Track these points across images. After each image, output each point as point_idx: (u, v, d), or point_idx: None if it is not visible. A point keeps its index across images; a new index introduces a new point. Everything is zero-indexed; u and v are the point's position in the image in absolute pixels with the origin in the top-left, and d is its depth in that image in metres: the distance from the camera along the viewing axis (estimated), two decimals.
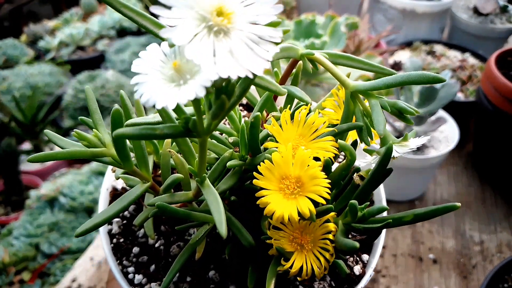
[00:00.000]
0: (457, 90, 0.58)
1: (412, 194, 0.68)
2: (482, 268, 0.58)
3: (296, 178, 0.16)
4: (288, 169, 0.16)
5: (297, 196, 0.16)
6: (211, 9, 0.11)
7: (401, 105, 0.19)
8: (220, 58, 0.11)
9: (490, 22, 0.87)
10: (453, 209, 0.20)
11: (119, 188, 0.25)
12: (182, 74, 0.13)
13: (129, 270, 0.22)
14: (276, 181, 0.16)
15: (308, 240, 0.17)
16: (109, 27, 1.87)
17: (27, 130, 1.26)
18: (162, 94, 0.12)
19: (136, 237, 0.23)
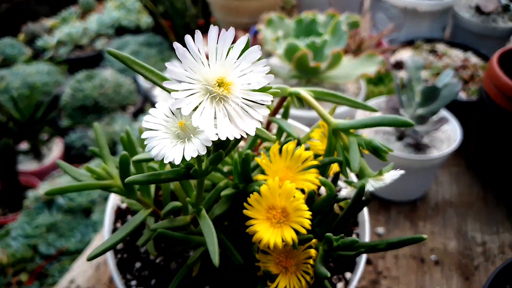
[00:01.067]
0: (459, 90, 0.58)
1: (414, 195, 0.68)
2: (484, 269, 0.57)
3: (282, 208, 0.18)
4: (275, 200, 0.18)
5: (282, 225, 0.18)
6: (214, 82, 0.14)
7: (376, 144, 0.21)
8: (219, 122, 0.14)
9: (492, 21, 0.86)
10: (421, 240, 0.22)
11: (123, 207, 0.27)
12: (186, 132, 0.15)
13: (132, 283, 0.24)
14: (264, 211, 0.18)
15: (292, 264, 0.19)
16: (107, 26, 1.85)
17: (25, 130, 1.25)
18: (170, 151, 0.14)
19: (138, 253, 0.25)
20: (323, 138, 0.23)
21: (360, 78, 0.61)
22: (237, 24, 1.02)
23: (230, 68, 0.15)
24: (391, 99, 0.64)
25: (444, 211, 0.66)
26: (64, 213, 0.89)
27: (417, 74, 0.60)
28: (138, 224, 0.21)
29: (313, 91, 0.23)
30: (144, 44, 1.69)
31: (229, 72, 0.15)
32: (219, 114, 0.14)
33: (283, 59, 0.62)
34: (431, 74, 0.77)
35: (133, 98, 1.48)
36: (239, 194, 0.20)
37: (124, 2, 1.90)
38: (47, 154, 1.32)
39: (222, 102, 0.14)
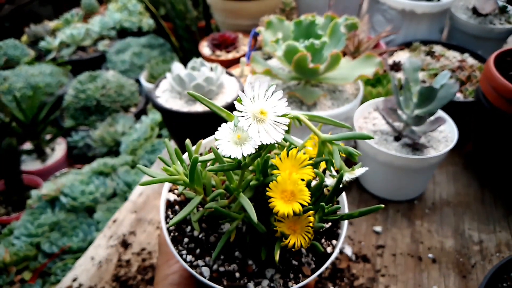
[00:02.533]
0: (456, 91, 0.59)
1: (411, 194, 0.68)
2: (481, 267, 0.58)
3: (291, 191, 0.29)
4: (286, 186, 0.28)
5: (291, 202, 0.28)
6: (258, 111, 0.27)
7: (350, 150, 0.32)
8: (261, 134, 0.27)
9: (489, 22, 0.87)
10: (379, 208, 0.32)
11: (171, 200, 0.38)
12: (241, 141, 0.28)
13: (182, 253, 0.34)
14: (279, 193, 0.28)
15: (298, 228, 0.30)
16: (109, 28, 1.87)
17: (28, 130, 1.26)
18: (232, 151, 0.27)
19: (185, 232, 0.36)
20: (314, 146, 0.34)
21: (359, 79, 0.62)
22: (238, 26, 1.03)
23: (265, 103, 0.27)
24: (389, 100, 0.65)
25: (442, 210, 0.67)
26: (67, 212, 0.90)
27: (414, 75, 0.61)
28: (196, 205, 0.32)
29: (307, 115, 0.33)
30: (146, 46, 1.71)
31: (265, 105, 0.27)
32: (261, 129, 0.27)
33: (282, 61, 0.63)
34: (429, 75, 0.78)
35: (135, 99, 1.49)
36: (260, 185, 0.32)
37: (126, 4, 1.92)
38: (50, 154, 1.34)
39: (262, 123, 0.27)
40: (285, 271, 0.33)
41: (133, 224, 0.67)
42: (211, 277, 0.32)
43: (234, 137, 0.27)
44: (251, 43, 0.83)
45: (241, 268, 0.33)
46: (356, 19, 0.61)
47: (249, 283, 0.32)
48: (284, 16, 0.91)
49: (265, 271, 0.33)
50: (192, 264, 0.33)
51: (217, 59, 0.90)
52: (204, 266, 0.33)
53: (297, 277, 0.33)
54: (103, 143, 1.27)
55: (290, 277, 0.33)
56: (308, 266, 0.34)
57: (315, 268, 0.34)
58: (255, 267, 0.33)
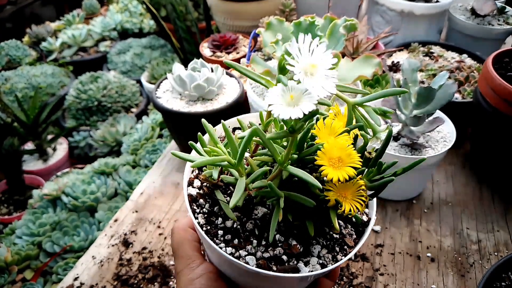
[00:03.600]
0: (454, 91, 0.59)
1: (410, 194, 0.69)
2: (479, 266, 0.58)
3: (338, 157, 0.27)
4: (333, 153, 0.27)
5: (341, 167, 0.27)
6: (309, 65, 0.25)
7: (384, 108, 0.31)
8: (315, 87, 0.25)
9: (488, 23, 0.88)
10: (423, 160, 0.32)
11: (193, 194, 0.36)
12: (295, 101, 0.25)
13: (221, 246, 0.32)
14: (327, 160, 0.27)
15: (349, 193, 0.29)
16: (111, 29, 1.88)
17: (30, 130, 1.27)
18: (291, 112, 0.24)
19: (216, 224, 0.34)
20: (339, 116, 0.33)
21: (357, 80, 0.63)
22: (238, 28, 1.04)
23: (312, 57, 0.26)
24: (387, 100, 0.65)
25: (440, 209, 0.68)
26: (68, 212, 0.90)
27: (413, 76, 0.62)
28: (245, 187, 0.30)
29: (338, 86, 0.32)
30: (147, 47, 1.71)
31: (315, 60, 0.25)
32: (314, 83, 0.25)
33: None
34: (427, 76, 0.79)
35: (137, 99, 1.50)
36: (301, 158, 0.30)
37: (127, 5, 1.93)
38: (51, 154, 1.35)
39: (313, 77, 0.25)
40: (330, 245, 0.33)
41: (134, 224, 0.68)
42: (258, 264, 0.30)
43: (287, 99, 0.25)
44: (251, 44, 0.84)
45: (286, 250, 0.32)
46: (355, 20, 0.61)
47: (298, 263, 0.31)
48: (284, 17, 0.92)
49: (311, 249, 0.32)
50: (234, 256, 0.31)
51: (218, 60, 0.91)
52: (247, 255, 0.31)
53: (342, 249, 0.32)
54: (104, 143, 1.27)
55: (336, 251, 0.32)
56: (350, 237, 0.33)
57: (357, 238, 0.33)
58: (300, 247, 0.32)
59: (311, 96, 0.24)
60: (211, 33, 1.12)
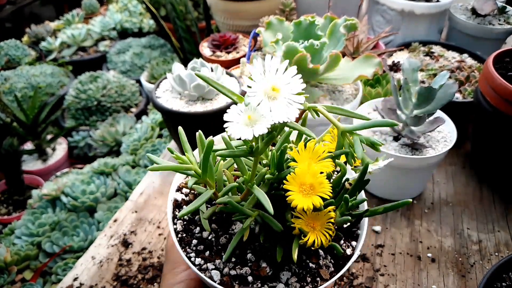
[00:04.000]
0: (455, 91, 0.59)
1: (410, 194, 0.69)
2: (480, 267, 0.58)
3: (310, 184, 0.26)
4: (305, 179, 0.26)
5: (311, 195, 0.26)
6: (269, 88, 0.25)
7: (372, 140, 0.30)
8: (274, 112, 0.24)
9: (488, 23, 0.88)
10: (407, 204, 0.30)
11: (179, 200, 0.36)
12: (252, 122, 0.25)
13: (191, 255, 0.32)
14: (297, 186, 0.26)
15: (318, 224, 0.28)
16: (110, 28, 1.88)
17: (29, 130, 1.27)
18: (242, 132, 0.24)
19: (193, 233, 0.34)
20: (333, 140, 0.32)
21: (358, 79, 0.62)
22: (238, 27, 1.04)
23: (277, 79, 0.25)
24: (388, 100, 0.65)
25: (441, 209, 0.67)
26: (68, 212, 0.90)
27: (413, 75, 0.62)
28: (207, 199, 0.30)
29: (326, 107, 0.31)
30: (147, 47, 1.71)
31: (277, 81, 0.25)
32: (273, 107, 0.24)
33: (282, 61, 0.63)
34: (428, 75, 0.79)
35: (136, 99, 1.50)
36: (275, 180, 0.29)
37: (126, 5, 1.93)
38: (51, 154, 1.34)
39: (274, 100, 0.25)
40: (302, 274, 0.31)
41: (134, 224, 0.68)
42: (221, 281, 0.30)
43: (245, 118, 0.24)
44: (251, 44, 0.84)
45: (254, 271, 0.31)
46: (355, 20, 0.61)
47: (262, 287, 0.30)
48: (284, 17, 0.91)
49: (280, 274, 0.31)
50: (201, 268, 0.31)
51: (217, 59, 0.91)
52: (214, 269, 0.31)
53: (314, 281, 0.31)
54: (104, 143, 1.27)
55: (307, 281, 0.30)
56: (327, 269, 0.31)
57: (334, 271, 0.31)
58: (269, 270, 0.31)
59: (266, 120, 0.24)
60: (211, 33, 1.12)
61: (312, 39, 0.62)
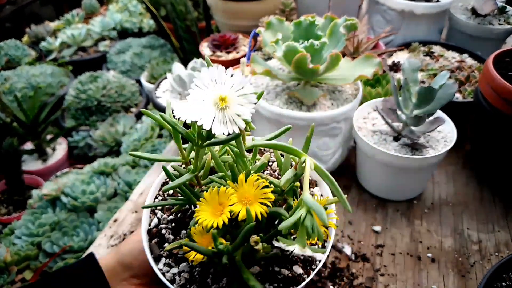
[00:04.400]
0: (455, 91, 0.59)
1: (410, 194, 0.69)
2: (480, 267, 0.58)
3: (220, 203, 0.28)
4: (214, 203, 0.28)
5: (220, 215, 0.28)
6: (217, 98, 0.25)
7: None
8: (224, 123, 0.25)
9: (488, 23, 0.88)
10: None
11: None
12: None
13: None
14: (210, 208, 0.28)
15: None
16: (110, 28, 1.88)
17: (29, 130, 1.27)
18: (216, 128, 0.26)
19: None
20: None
21: (358, 79, 0.62)
22: (238, 27, 1.04)
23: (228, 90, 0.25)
24: (388, 100, 0.65)
25: (441, 209, 0.67)
26: (68, 212, 0.90)
27: (413, 75, 0.62)
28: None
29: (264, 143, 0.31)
30: (147, 47, 1.71)
31: (225, 92, 0.25)
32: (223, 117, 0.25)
33: (282, 61, 0.63)
34: (428, 75, 0.79)
35: (136, 99, 1.50)
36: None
37: (126, 5, 1.93)
38: (51, 154, 1.34)
39: (225, 108, 0.25)
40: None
41: (134, 224, 0.68)
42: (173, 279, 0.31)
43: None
44: (251, 44, 0.84)
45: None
46: (355, 20, 0.61)
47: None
48: (284, 17, 0.91)
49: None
50: (165, 274, 0.31)
51: (218, 59, 0.91)
52: (178, 274, 0.31)
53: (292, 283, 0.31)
54: (104, 143, 1.27)
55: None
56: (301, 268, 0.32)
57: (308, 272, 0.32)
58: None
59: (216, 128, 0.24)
60: (211, 33, 1.12)
61: (312, 39, 0.62)
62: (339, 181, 0.74)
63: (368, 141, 0.62)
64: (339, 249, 0.60)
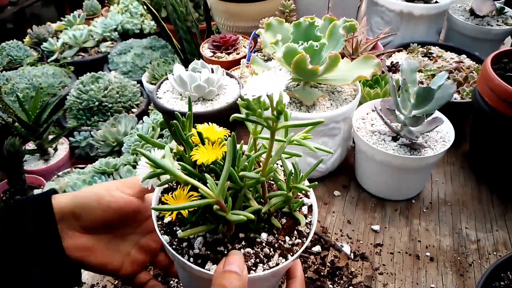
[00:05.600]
0: (453, 91, 0.59)
1: (409, 193, 0.69)
2: (478, 266, 0.59)
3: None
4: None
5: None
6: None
7: None
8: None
9: (487, 24, 0.88)
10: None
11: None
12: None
13: None
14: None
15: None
16: (111, 29, 1.89)
17: (31, 130, 1.27)
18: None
19: None
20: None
21: (357, 80, 0.63)
22: (238, 28, 1.04)
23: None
24: (387, 101, 0.66)
25: (439, 209, 0.68)
26: None
27: (412, 76, 0.62)
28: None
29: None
30: (148, 48, 1.72)
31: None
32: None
33: (282, 62, 0.64)
34: (426, 76, 0.79)
35: (137, 99, 1.50)
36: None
37: (127, 6, 1.94)
38: (52, 154, 1.35)
39: None
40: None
41: None
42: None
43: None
44: (251, 45, 0.85)
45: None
46: (354, 21, 0.62)
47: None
48: (284, 18, 0.92)
49: None
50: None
51: (218, 60, 0.91)
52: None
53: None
54: (105, 143, 1.28)
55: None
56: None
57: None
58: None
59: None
60: (211, 34, 1.12)
61: (311, 40, 0.62)
62: (338, 180, 0.74)
63: (367, 141, 0.63)
64: (338, 248, 0.61)
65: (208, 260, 0.31)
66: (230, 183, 0.30)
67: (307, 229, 0.34)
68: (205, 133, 0.30)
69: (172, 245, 0.32)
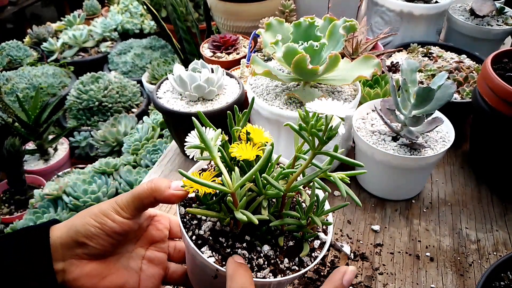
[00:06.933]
0: (453, 91, 0.59)
1: (409, 193, 0.69)
2: (478, 266, 0.59)
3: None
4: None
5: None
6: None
7: None
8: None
9: (487, 24, 0.88)
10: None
11: None
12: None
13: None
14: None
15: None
16: (111, 29, 1.89)
17: (31, 130, 1.27)
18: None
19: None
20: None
21: (357, 80, 0.63)
22: (238, 28, 1.04)
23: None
24: (387, 101, 0.66)
25: (439, 209, 0.68)
26: (69, 212, 0.91)
27: (412, 76, 0.62)
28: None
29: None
30: (148, 47, 1.72)
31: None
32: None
33: (282, 62, 0.64)
34: (426, 76, 0.79)
35: (137, 99, 1.51)
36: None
37: (127, 6, 1.94)
38: (52, 154, 1.35)
39: None
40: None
41: None
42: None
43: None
44: (251, 45, 0.85)
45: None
46: (354, 21, 0.62)
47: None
48: (284, 18, 0.92)
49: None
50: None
51: (218, 60, 0.91)
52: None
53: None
54: (105, 143, 1.28)
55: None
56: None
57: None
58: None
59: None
60: (211, 34, 1.12)
61: (311, 40, 0.62)
62: None
63: (367, 141, 0.63)
64: (338, 248, 0.61)
65: (207, 245, 0.31)
66: (253, 186, 0.30)
67: (309, 261, 0.34)
68: (252, 134, 0.31)
69: (184, 219, 0.33)
